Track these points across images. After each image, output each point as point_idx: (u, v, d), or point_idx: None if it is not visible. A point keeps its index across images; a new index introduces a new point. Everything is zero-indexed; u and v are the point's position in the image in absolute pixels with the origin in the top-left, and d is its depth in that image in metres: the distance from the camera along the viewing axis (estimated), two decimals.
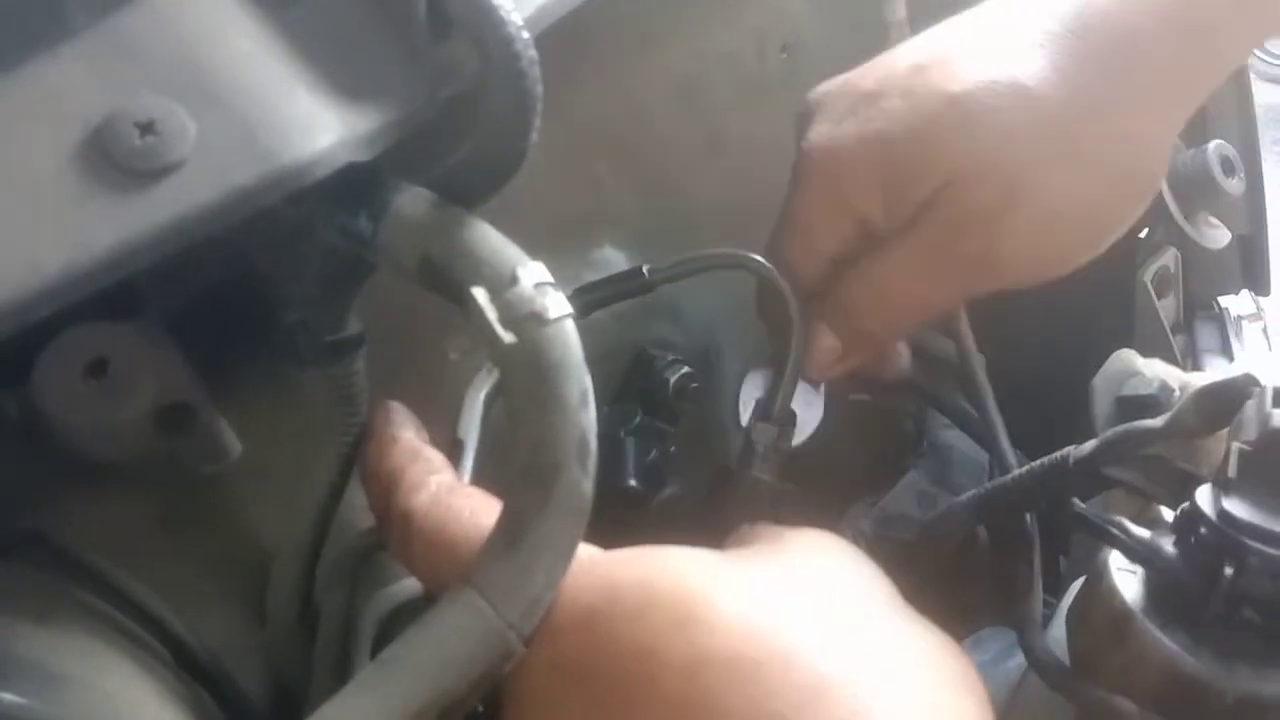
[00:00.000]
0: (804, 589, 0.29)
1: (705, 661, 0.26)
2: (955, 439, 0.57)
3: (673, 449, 0.48)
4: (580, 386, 0.29)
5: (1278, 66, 3.70)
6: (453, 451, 0.38)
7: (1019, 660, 0.48)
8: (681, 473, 0.47)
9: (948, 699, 0.27)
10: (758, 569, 0.30)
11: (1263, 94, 3.44)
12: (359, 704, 0.27)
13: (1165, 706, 0.34)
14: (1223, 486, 0.35)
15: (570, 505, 0.28)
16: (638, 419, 0.45)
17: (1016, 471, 0.44)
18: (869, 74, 0.42)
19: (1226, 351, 0.60)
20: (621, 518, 0.42)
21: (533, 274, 0.29)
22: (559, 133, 0.46)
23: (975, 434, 0.53)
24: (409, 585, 0.39)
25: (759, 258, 0.42)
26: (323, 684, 0.37)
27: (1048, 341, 0.59)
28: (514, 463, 0.29)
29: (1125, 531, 0.36)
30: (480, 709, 0.37)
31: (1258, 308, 0.62)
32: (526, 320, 0.29)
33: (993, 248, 0.39)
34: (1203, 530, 0.34)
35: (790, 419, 0.43)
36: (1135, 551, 0.36)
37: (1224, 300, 0.62)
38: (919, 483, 0.55)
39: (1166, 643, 0.34)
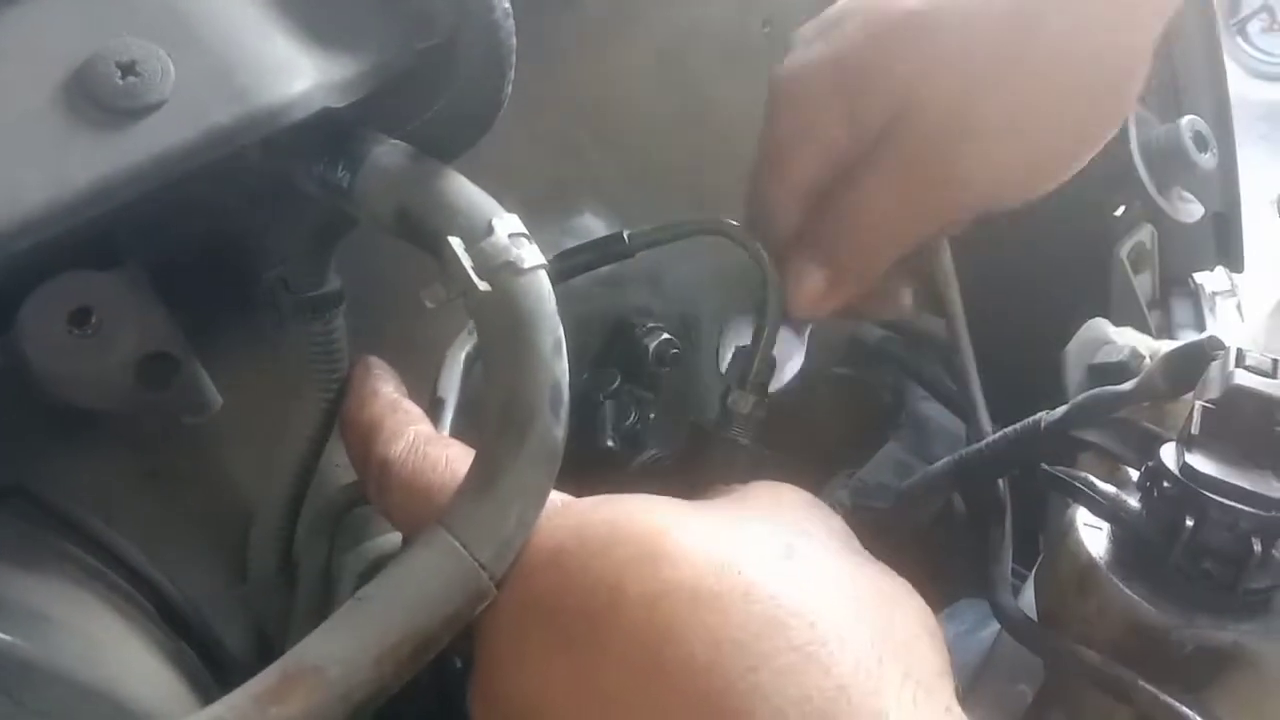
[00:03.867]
0: (763, 528, 0.30)
1: (666, 592, 0.26)
2: (933, 411, 0.58)
3: (652, 415, 0.48)
4: (553, 335, 0.30)
5: (1271, 65, 3.72)
6: (433, 410, 0.38)
7: (993, 629, 0.49)
8: (660, 438, 0.47)
9: (900, 632, 0.28)
10: (719, 511, 0.31)
11: (1259, 91, 3.45)
12: (334, 640, 0.27)
13: (1127, 656, 0.35)
14: (1186, 443, 0.36)
15: (543, 451, 0.29)
16: (616, 383, 0.45)
17: (990, 437, 0.45)
18: (840, 1, 0.42)
19: (1201, 327, 0.61)
20: (600, 479, 0.43)
21: (507, 225, 0.30)
22: (540, 100, 0.47)
23: (952, 404, 0.54)
24: (388, 540, 0.40)
25: (738, 225, 0.43)
26: (301, 636, 0.38)
27: (1024, 317, 0.60)
28: (488, 409, 0.30)
29: (1091, 487, 0.37)
30: (459, 664, 0.38)
31: (1232, 284, 0.63)
32: (501, 270, 0.29)
33: (955, 167, 0.38)
34: (1166, 485, 0.35)
35: (765, 388, 0.44)
36: (1101, 506, 0.36)
37: (1199, 276, 0.63)
38: (897, 453, 0.56)
39: (1128, 594, 0.35)
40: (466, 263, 0.29)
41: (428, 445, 0.33)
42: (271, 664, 0.27)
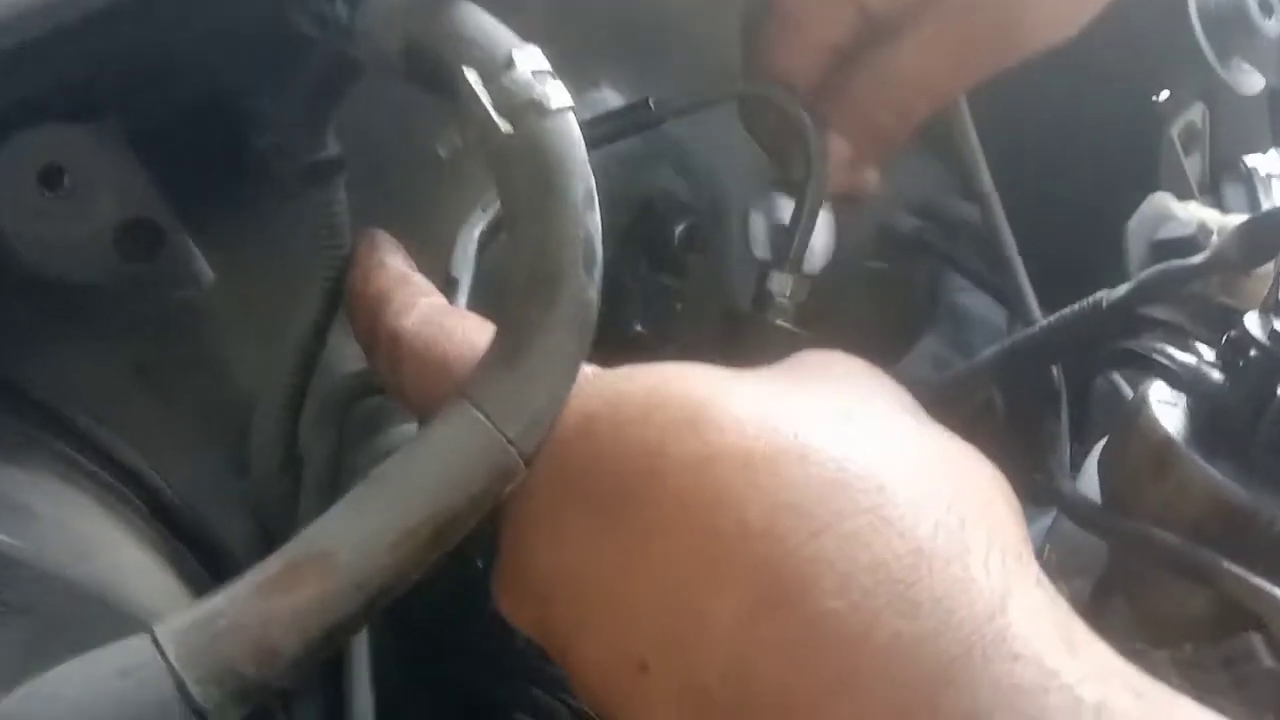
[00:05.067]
0: (818, 391, 0.27)
1: (715, 457, 0.24)
2: (972, 302, 0.55)
3: (679, 305, 0.45)
4: (585, 185, 0.26)
5: None
6: (447, 291, 0.35)
7: (1038, 530, 0.46)
8: (689, 329, 0.44)
9: (979, 496, 0.25)
10: (770, 376, 0.28)
11: None
12: (346, 523, 0.25)
13: (1208, 539, 0.32)
14: (1273, 309, 0.32)
15: (575, 314, 0.26)
16: (643, 266, 0.42)
17: (1047, 319, 0.42)
18: None
19: (1255, 210, 0.57)
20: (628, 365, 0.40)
21: (530, 59, 0.26)
22: None
23: (995, 291, 0.51)
24: (401, 432, 0.37)
25: (778, 87, 0.39)
26: None
27: (1070, 204, 0.56)
28: (513, 269, 0.26)
29: (1170, 358, 0.34)
30: (480, 564, 0.35)
31: None
32: (524, 109, 0.26)
33: (1012, 18, 0.36)
34: (1252, 353, 0.32)
35: (803, 266, 0.40)
36: (1181, 379, 0.33)
37: (1250, 160, 0.59)
38: (935, 348, 0.53)
39: (1211, 472, 0.32)
40: (485, 100, 0.25)
41: (442, 317, 0.30)
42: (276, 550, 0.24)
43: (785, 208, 0.39)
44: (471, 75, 0.26)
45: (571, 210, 0.26)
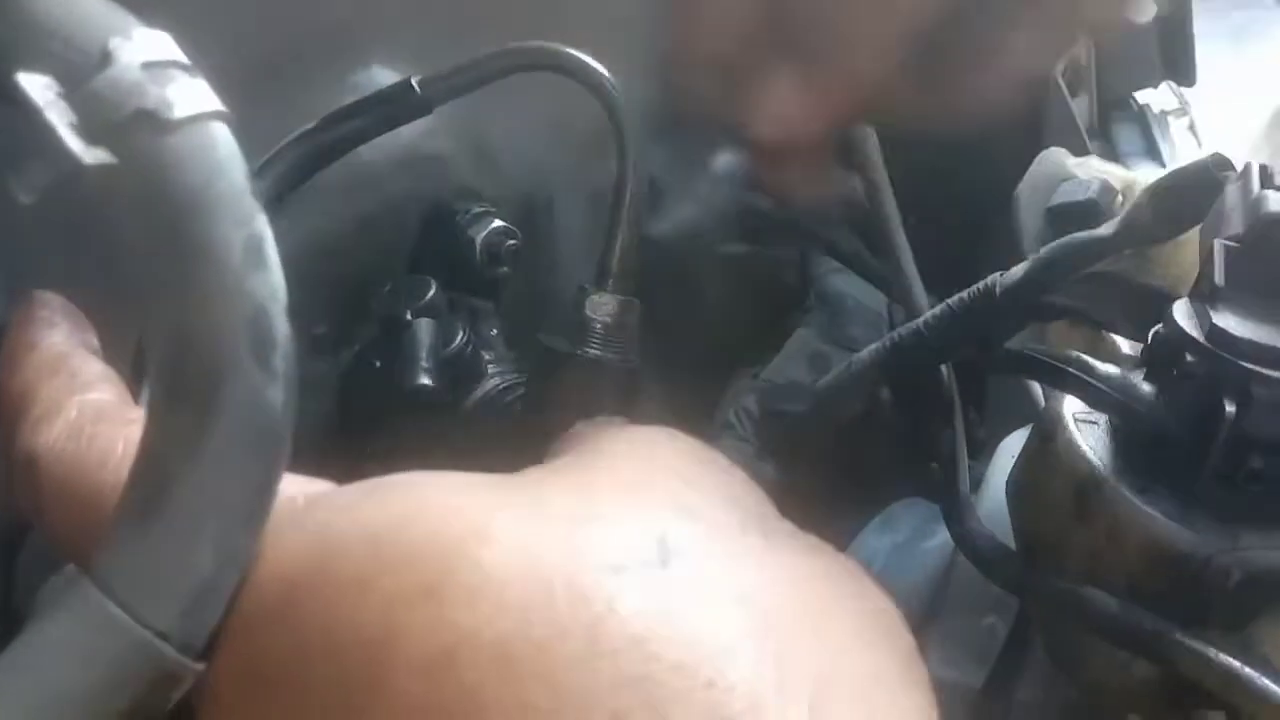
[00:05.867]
0: (623, 515, 0.19)
1: (460, 646, 0.16)
2: (847, 286, 0.47)
3: (493, 331, 0.37)
4: (244, 230, 0.18)
5: None
6: (139, 366, 0.26)
7: (939, 539, 0.40)
8: (506, 361, 0.36)
9: (846, 671, 0.17)
10: (554, 490, 0.20)
11: None
12: None
13: (1151, 594, 0.26)
14: (1207, 298, 0.26)
15: (246, 429, 0.17)
16: (431, 293, 0.33)
17: (930, 312, 0.35)
18: None
19: (1154, 154, 0.51)
20: (417, 431, 0.31)
21: (143, 48, 0.17)
22: None
23: (874, 276, 0.44)
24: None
25: (576, 53, 0.31)
26: None
27: (945, 169, 0.49)
28: (151, 373, 0.18)
29: (1085, 369, 0.27)
30: None
31: (1181, 101, 0.54)
32: (127, 125, 0.17)
33: None
34: (1188, 358, 0.25)
35: (632, 286, 0.32)
36: (1101, 395, 0.27)
37: (1141, 96, 0.53)
38: (809, 342, 0.46)
39: (1149, 512, 0.26)
40: (59, 117, 0.16)
41: (97, 426, 0.21)
42: None
43: None
44: (32, 81, 0.16)
45: (222, 272, 0.17)
